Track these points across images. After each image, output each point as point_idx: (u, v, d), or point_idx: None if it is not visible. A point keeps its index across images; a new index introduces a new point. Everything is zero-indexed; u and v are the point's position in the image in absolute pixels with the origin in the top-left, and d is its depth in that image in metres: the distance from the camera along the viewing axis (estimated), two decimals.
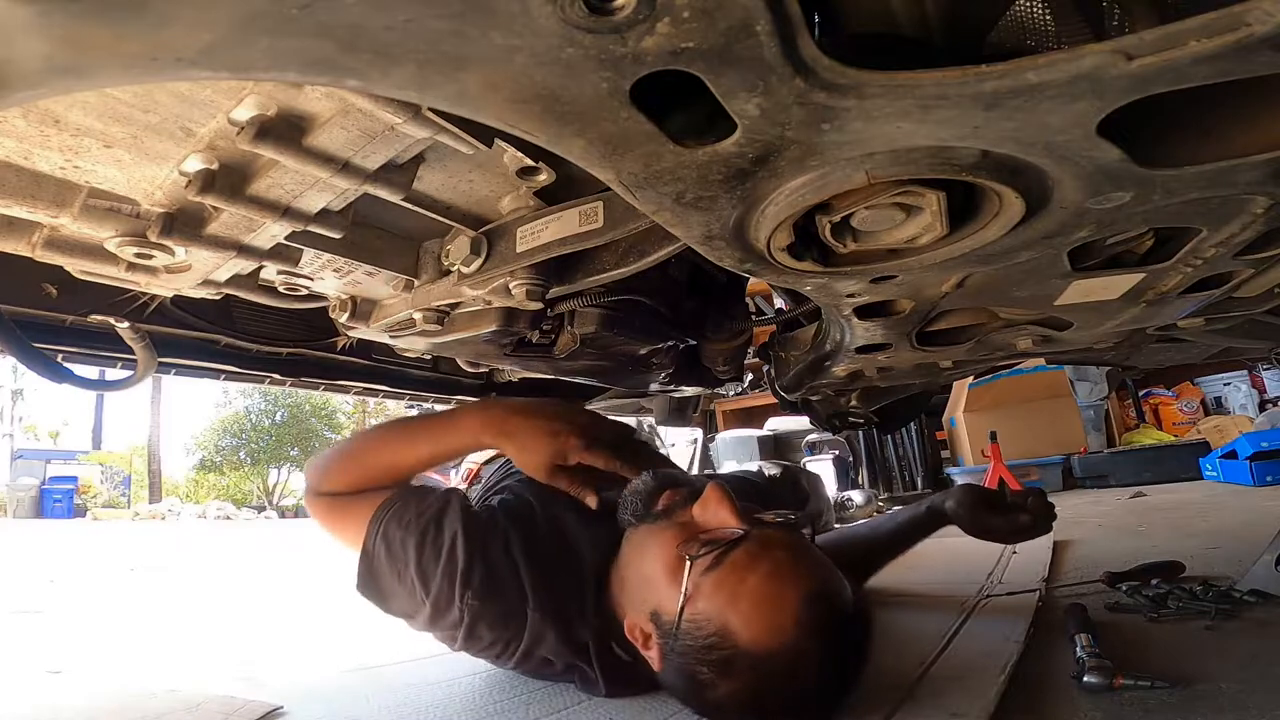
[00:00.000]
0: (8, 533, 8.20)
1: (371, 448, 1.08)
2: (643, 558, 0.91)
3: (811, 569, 0.81)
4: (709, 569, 0.79)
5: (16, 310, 1.03)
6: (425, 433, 1.06)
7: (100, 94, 0.51)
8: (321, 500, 1.05)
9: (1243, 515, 2.34)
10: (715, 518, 0.85)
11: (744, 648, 0.75)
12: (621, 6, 0.28)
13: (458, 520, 0.96)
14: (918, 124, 0.37)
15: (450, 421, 1.06)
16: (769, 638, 0.75)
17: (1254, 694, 0.78)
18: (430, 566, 0.92)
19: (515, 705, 0.96)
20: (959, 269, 0.64)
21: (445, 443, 1.04)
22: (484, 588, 0.92)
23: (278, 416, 22.95)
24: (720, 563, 0.79)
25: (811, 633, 0.75)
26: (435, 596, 0.92)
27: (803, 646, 0.74)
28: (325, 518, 1.05)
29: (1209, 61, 0.30)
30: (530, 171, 0.70)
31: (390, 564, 0.94)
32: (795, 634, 0.74)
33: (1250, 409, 4.94)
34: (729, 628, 0.76)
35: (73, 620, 2.25)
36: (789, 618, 0.75)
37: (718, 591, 0.78)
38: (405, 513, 0.97)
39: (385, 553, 0.94)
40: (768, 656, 0.75)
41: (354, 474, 1.04)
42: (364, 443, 1.14)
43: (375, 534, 0.96)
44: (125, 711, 1.09)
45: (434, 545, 0.93)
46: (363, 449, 1.10)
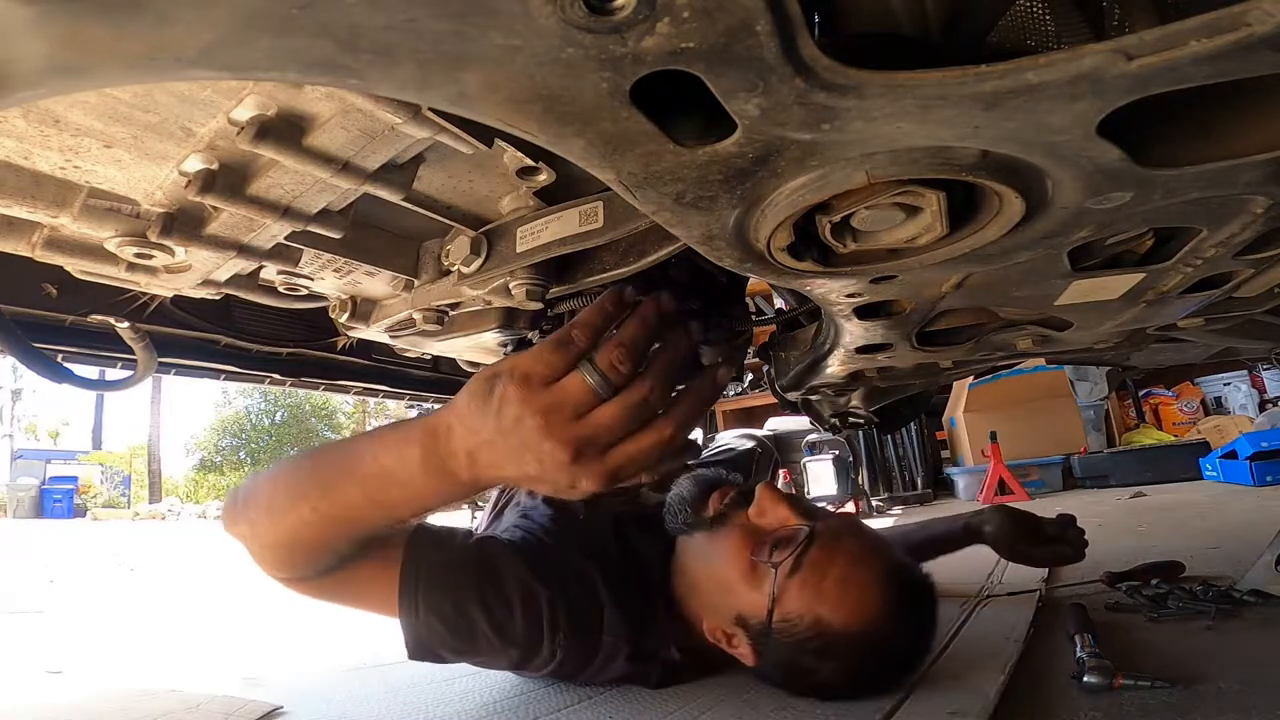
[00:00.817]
0: (8, 533, 8.20)
1: (315, 522, 0.70)
2: (711, 565, 0.94)
3: (880, 548, 0.89)
4: (791, 572, 0.84)
5: (16, 310, 1.03)
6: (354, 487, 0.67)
7: (100, 94, 0.51)
8: (295, 585, 0.82)
9: (1243, 515, 2.34)
10: (776, 518, 0.90)
11: (840, 632, 0.82)
12: (621, 6, 0.28)
13: (517, 563, 0.91)
14: (918, 124, 0.37)
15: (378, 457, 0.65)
16: (861, 618, 0.82)
17: (1254, 694, 0.78)
18: (508, 622, 0.88)
19: (515, 704, 0.96)
20: (959, 269, 0.63)
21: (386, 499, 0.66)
22: (572, 625, 0.91)
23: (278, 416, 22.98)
24: (800, 564, 0.84)
25: (897, 603, 0.84)
26: (523, 647, 0.89)
27: (891, 617, 0.83)
28: (318, 598, 0.85)
29: (1209, 61, 0.30)
30: (530, 171, 0.70)
31: (452, 632, 0.87)
32: (883, 608, 0.83)
33: (1250, 409, 4.94)
34: (822, 619, 0.83)
35: (73, 620, 2.25)
36: (875, 596, 0.83)
37: (804, 590, 0.84)
38: (441, 574, 0.87)
39: (441, 623, 0.86)
40: (863, 635, 0.82)
41: (298, 558, 0.76)
42: (301, 516, 0.70)
43: (416, 609, 0.85)
44: (125, 711, 1.09)
45: (501, 599, 0.88)
46: (302, 525, 0.70)
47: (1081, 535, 1.29)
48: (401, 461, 0.61)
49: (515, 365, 0.55)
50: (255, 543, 0.75)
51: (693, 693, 0.94)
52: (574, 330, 0.55)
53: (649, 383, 0.55)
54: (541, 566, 0.92)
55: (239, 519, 0.75)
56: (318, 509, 0.68)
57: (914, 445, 4.91)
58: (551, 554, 0.95)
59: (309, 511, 0.68)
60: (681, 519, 0.97)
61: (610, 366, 0.54)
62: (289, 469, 0.74)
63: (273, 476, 0.75)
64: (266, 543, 0.74)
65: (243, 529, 0.75)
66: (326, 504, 0.67)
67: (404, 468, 0.61)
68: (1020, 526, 1.29)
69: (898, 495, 4.78)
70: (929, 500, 4.72)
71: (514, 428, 0.54)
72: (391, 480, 0.63)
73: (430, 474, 0.60)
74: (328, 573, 0.80)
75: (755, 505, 0.93)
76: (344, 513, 0.67)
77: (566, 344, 0.55)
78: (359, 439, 0.68)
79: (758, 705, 0.88)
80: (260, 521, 0.73)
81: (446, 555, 0.90)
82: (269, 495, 0.73)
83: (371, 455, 0.64)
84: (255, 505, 0.74)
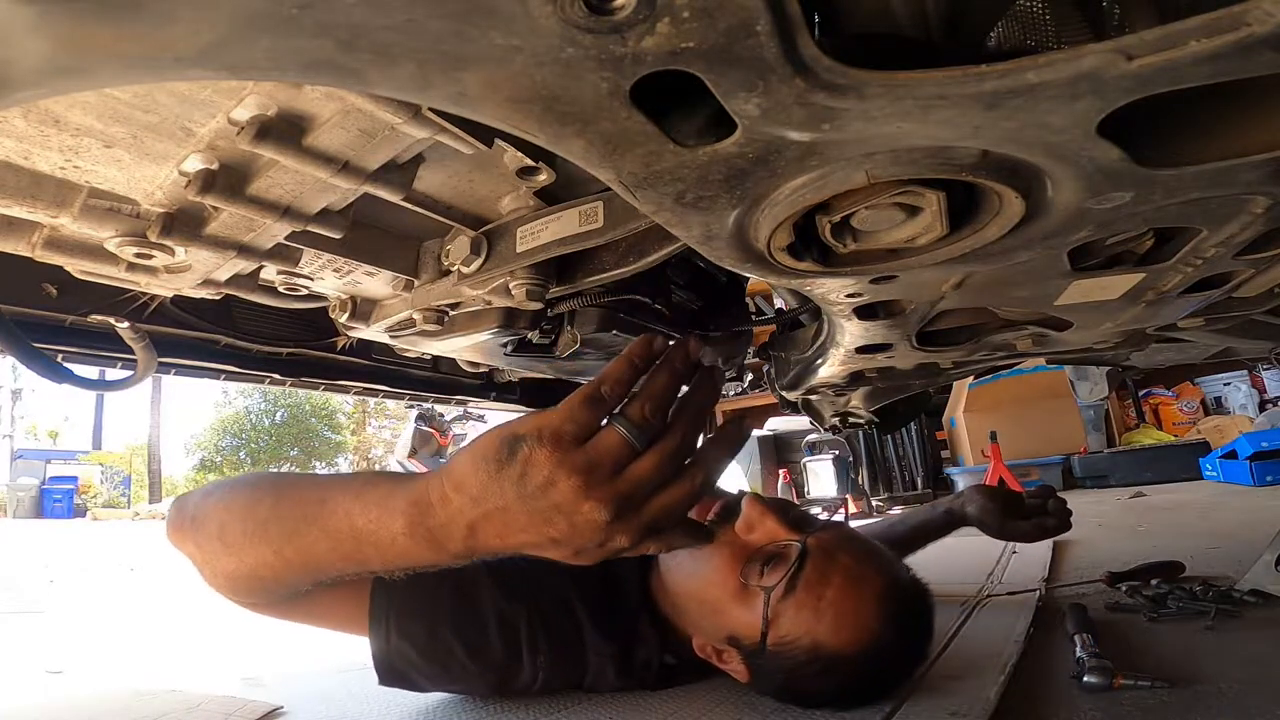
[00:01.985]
0: (8, 533, 8.20)
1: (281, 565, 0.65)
2: (699, 585, 0.90)
3: (874, 559, 0.85)
4: (785, 595, 0.81)
5: (16, 310, 1.03)
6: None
7: (100, 94, 0.51)
8: (261, 610, 0.78)
9: (1243, 515, 2.34)
10: (765, 533, 0.85)
11: (838, 653, 0.79)
12: (621, 6, 0.28)
13: (490, 585, 0.90)
14: (918, 124, 0.37)
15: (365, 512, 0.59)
16: (859, 639, 0.79)
17: (1254, 694, 0.78)
18: (483, 645, 0.87)
19: (515, 704, 0.96)
20: (959, 269, 0.63)
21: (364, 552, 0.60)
22: (552, 645, 0.89)
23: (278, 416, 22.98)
24: (794, 586, 0.80)
25: (894, 620, 0.81)
26: (501, 670, 0.88)
27: (890, 635, 0.80)
28: (276, 617, 0.81)
29: (1209, 61, 0.30)
30: (530, 171, 0.70)
31: (424, 657, 0.86)
32: (881, 627, 0.80)
33: (1250, 409, 4.94)
34: (819, 641, 0.80)
35: (73, 620, 2.25)
36: (872, 614, 0.80)
37: (800, 612, 0.80)
38: (414, 597, 0.86)
39: (413, 648, 0.85)
40: (862, 654, 0.79)
41: (255, 589, 0.71)
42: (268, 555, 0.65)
43: (387, 635, 0.85)
44: (125, 711, 1.09)
45: (476, 622, 0.87)
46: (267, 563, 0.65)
47: (1064, 505, 1.27)
48: (380, 527, 0.57)
49: (543, 425, 0.51)
50: (206, 569, 0.70)
51: (693, 693, 0.94)
52: (603, 386, 0.52)
53: (680, 430, 0.53)
54: (516, 587, 0.91)
55: (186, 537, 0.70)
56: (280, 553, 0.63)
57: (914, 445, 4.91)
58: (527, 574, 0.93)
59: (270, 554, 0.64)
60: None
61: (643, 419, 0.51)
62: (245, 501, 0.68)
63: (227, 504, 0.69)
64: (218, 571, 0.69)
65: (190, 549, 0.70)
66: (290, 550, 0.62)
67: (383, 533, 0.57)
68: (1004, 503, 1.28)
69: (898, 495, 4.78)
70: (929, 500, 4.72)
71: (544, 492, 0.50)
72: (366, 542, 0.58)
73: (416, 544, 0.56)
74: (290, 600, 0.76)
75: (742, 520, 0.87)
76: (309, 561, 0.63)
77: (597, 400, 0.52)
78: (329, 486, 0.62)
79: (757, 705, 0.88)
80: (213, 549, 0.68)
81: (418, 577, 0.84)
82: (221, 525, 0.67)
83: (345, 513, 0.59)
84: (206, 531, 0.68)
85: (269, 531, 0.63)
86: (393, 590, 0.86)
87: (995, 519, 1.25)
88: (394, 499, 0.56)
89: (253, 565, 0.66)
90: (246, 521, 0.65)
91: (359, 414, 23.52)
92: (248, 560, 0.66)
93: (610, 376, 0.53)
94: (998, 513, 1.26)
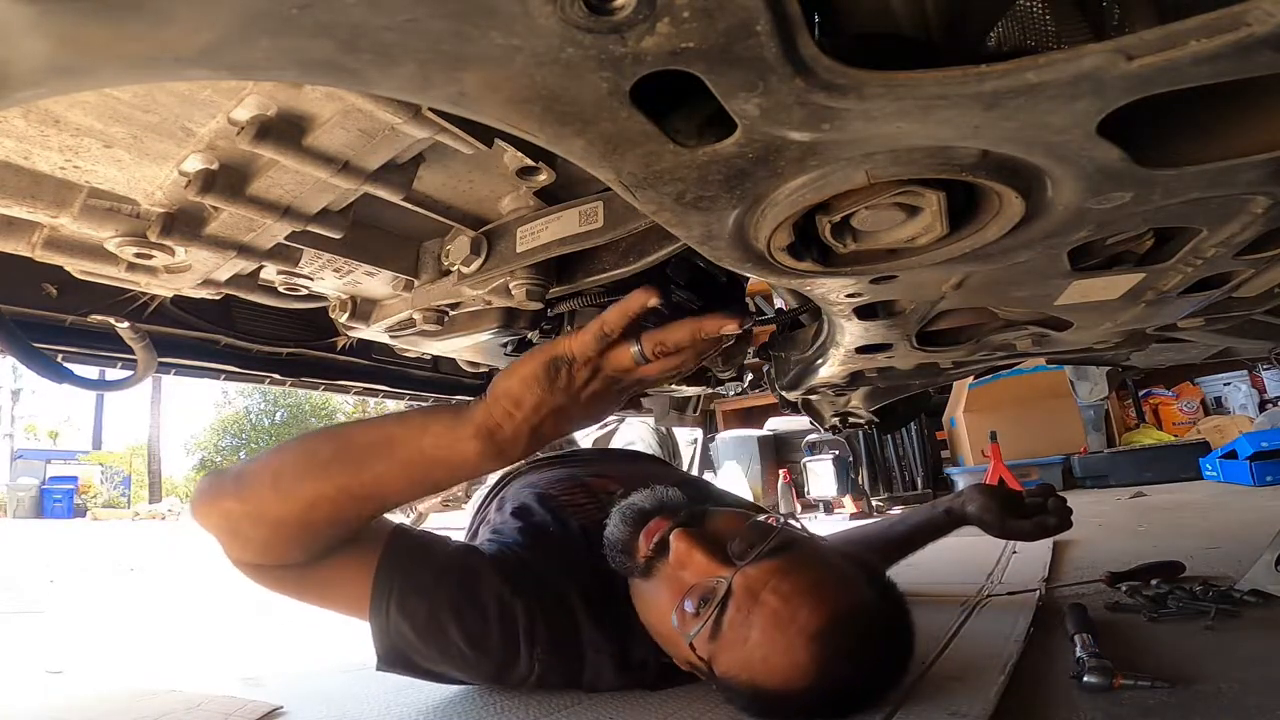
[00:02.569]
0: (8, 533, 8.20)
1: (310, 495, 0.73)
2: (648, 615, 0.90)
3: (809, 596, 0.77)
4: (711, 638, 0.78)
5: (16, 310, 1.03)
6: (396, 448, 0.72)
7: (100, 94, 0.51)
8: (266, 574, 0.82)
9: (1243, 515, 2.34)
10: (693, 571, 0.82)
11: (780, 692, 0.76)
12: (621, 6, 0.28)
13: (492, 574, 0.90)
14: (918, 124, 0.37)
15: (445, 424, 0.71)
16: (798, 678, 0.75)
17: (1254, 694, 0.78)
18: (482, 632, 0.87)
19: (515, 704, 0.96)
20: (959, 269, 0.64)
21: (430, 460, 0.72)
22: (550, 639, 0.89)
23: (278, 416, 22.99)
24: (719, 628, 0.78)
25: (837, 653, 0.75)
26: (499, 658, 0.88)
27: (835, 669, 0.75)
28: (284, 592, 0.85)
29: (1209, 61, 0.30)
30: (530, 171, 0.70)
31: (423, 640, 0.86)
32: (821, 664, 0.74)
33: (1250, 409, 4.94)
34: (757, 682, 0.77)
35: (73, 620, 2.25)
36: (805, 655, 0.74)
37: (730, 654, 0.78)
38: (417, 577, 0.86)
39: (414, 631, 0.85)
40: (807, 690, 0.75)
41: (297, 537, 0.77)
42: (294, 488, 0.74)
43: (387, 614, 0.85)
44: (125, 711, 1.09)
45: (476, 608, 0.87)
46: (295, 497, 0.74)
47: (1064, 503, 1.26)
48: (453, 453, 0.70)
49: (574, 347, 0.66)
50: (249, 520, 0.76)
51: (693, 693, 0.94)
52: (605, 325, 0.66)
53: (681, 358, 0.68)
54: (518, 579, 0.91)
55: (226, 496, 0.76)
56: (345, 486, 0.73)
57: (914, 445, 4.90)
58: (527, 566, 0.94)
59: (332, 488, 0.73)
60: (618, 563, 0.91)
61: (651, 350, 0.66)
62: (300, 449, 0.78)
63: (278, 456, 0.78)
64: (263, 519, 0.75)
65: (230, 506, 0.76)
66: (357, 482, 0.73)
67: (455, 457, 0.70)
68: (1004, 502, 1.27)
69: (898, 495, 4.78)
70: (929, 500, 4.72)
71: (585, 388, 0.68)
72: (438, 466, 0.71)
73: (486, 458, 0.70)
74: (305, 565, 0.81)
75: (672, 557, 0.84)
76: (374, 490, 0.74)
77: (602, 336, 0.66)
78: (391, 426, 0.74)
79: None
80: (263, 498, 0.75)
81: (422, 562, 0.89)
82: (275, 472, 0.75)
83: (415, 446, 0.71)
84: (256, 483, 0.76)
85: (331, 470, 0.73)
86: (396, 573, 0.86)
87: (996, 518, 1.25)
88: (460, 427, 0.69)
89: (309, 503, 0.74)
90: (310, 464, 0.75)
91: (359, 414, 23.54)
92: (304, 498, 0.74)
93: (609, 318, 0.66)
94: (998, 511, 1.25)
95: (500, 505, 1.19)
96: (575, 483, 1.20)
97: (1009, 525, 1.25)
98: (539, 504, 1.11)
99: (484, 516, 1.26)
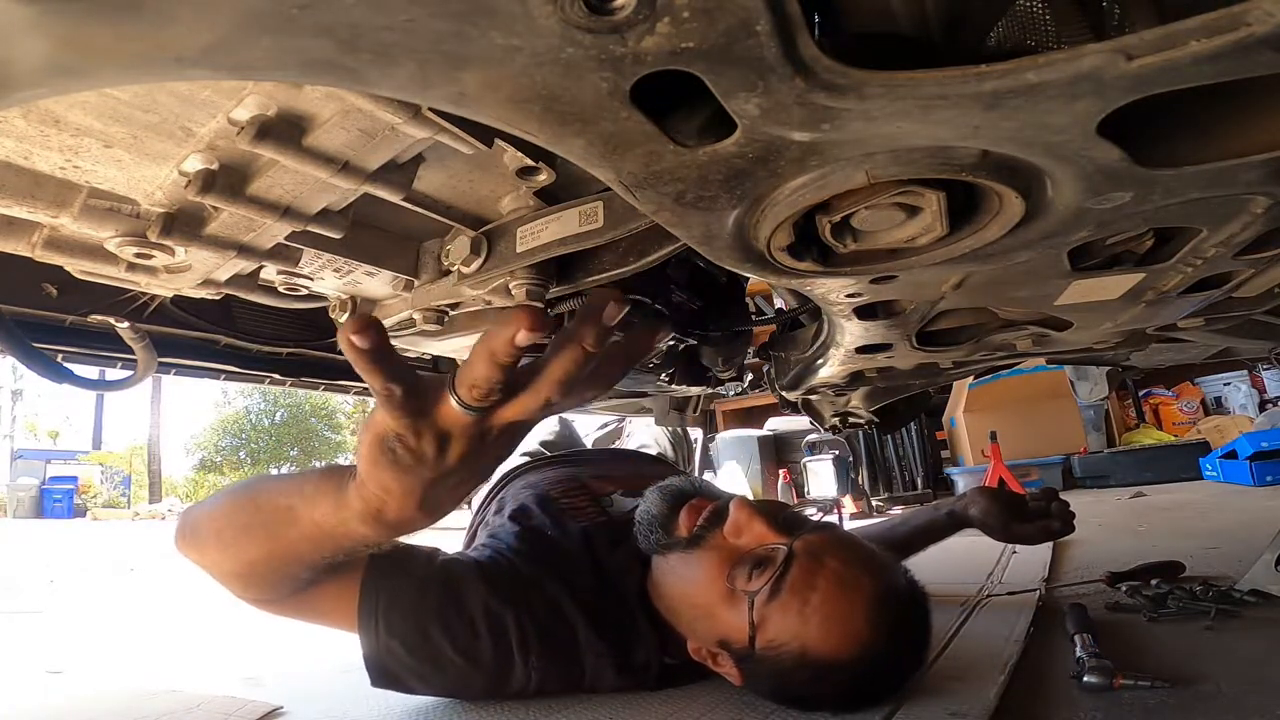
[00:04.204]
0: (8, 533, 8.20)
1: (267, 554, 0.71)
2: (689, 588, 0.89)
3: (866, 566, 0.82)
4: (770, 598, 0.79)
5: (16, 310, 1.03)
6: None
7: (100, 94, 0.51)
8: (256, 603, 0.84)
9: (1243, 515, 2.34)
10: (753, 536, 0.84)
11: (827, 659, 0.77)
12: (621, 6, 0.28)
13: (479, 583, 0.89)
14: (918, 124, 0.37)
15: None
16: (849, 644, 0.77)
17: (1254, 694, 0.78)
18: (472, 643, 0.87)
19: (515, 704, 0.96)
20: (959, 269, 0.64)
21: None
22: (544, 645, 0.89)
23: (278, 416, 22.99)
24: (779, 590, 0.79)
25: (886, 624, 0.78)
26: (493, 669, 0.88)
27: (881, 640, 0.78)
28: (279, 615, 0.87)
29: (1209, 61, 0.30)
30: (530, 171, 0.70)
31: (414, 655, 0.86)
32: (874, 635, 0.77)
33: (1250, 409, 4.94)
34: (806, 646, 0.78)
35: (73, 620, 2.25)
36: (863, 623, 0.77)
37: (785, 617, 0.78)
38: (402, 595, 0.86)
39: (402, 646, 0.85)
40: (851, 660, 0.77)
41: (261, 583, 0.77)
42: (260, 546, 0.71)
43: (376, 632, 0.85)
44: (125, 711, 1.09)
45: (464, 619, 0.87)
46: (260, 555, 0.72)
47: (1067, 507, 1.27)
48: (349, 531, 0.60)
49: (385, 423, 0.51)
50: (213, 570, 0.78)
51: (693, 693, 0.94)
52: (384, 389, 0.49)
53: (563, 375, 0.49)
54: (505, 586, 0.91)
55: (189, 546, 0.78)
56: (272, 550, 0.70)
57: (914, 445, 4.90)
58: (518, 573, 0.93)
59: (262, 551, 0.71)
60: (654, 539, 0.91)
61: (470, 396, 0.49)
62: (228, 508, 0.75)
63: (215, 510, 0.76)
64: (223, 571, 0.77)
65: (194, 555, 0.78)
66: (279, 546, 0.69)
67: (355, 535, 0.61)
68: (1007, 505, 1.27)
69: (898, 495, 4.78)
70: (929, 501, 4.72)
71: (449, 454, 0.52)
72: (340, 538, 0.62)
73: (387, 536, 0.60)
74: (290, 596, 0.81)
75: (730, 523, 0.86)
76: (296, 557, 0.70)
77: (387, 400, 0.49)
78: (290, 492, 0.66)
79: (757, 706, 0.88)
80: (212, 552, 0.76)
81: (406, 575, 0.88)
82: (215, 528, 0.75)
83: (309, 520, 0.63)
84: (204, 536, 0.76)
85: (254, 534, 0.71)
86: (381, 589, 0.86)
87: (998, 521, 1.25)
88: (345, 509, 0.58)
89: (250, 562, 0.73)
90: (234, 527, 0.73)
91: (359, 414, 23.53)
92: (245, 559, 0.73)
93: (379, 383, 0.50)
94: (1000, 515, 1.26)
95: (500, 507, 1.19)
96: (575, 484, 1.20)
97: (1011, 529, 1.25)
98: (538, 506, 1.11)
99: (483, 518, 1.26)
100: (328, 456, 23.04)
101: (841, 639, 0.77)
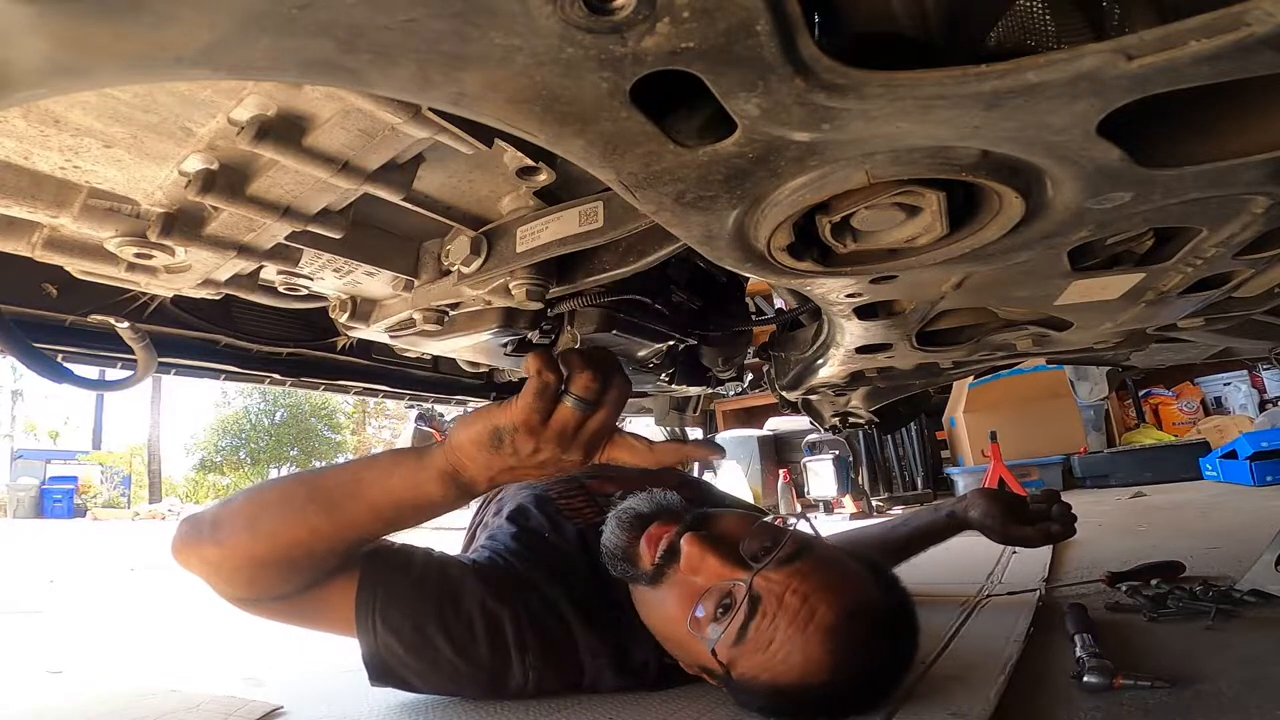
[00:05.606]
0: (8, 533, 8.20)
1: (288, 534, 0.78)
2: (657, 622, 0.89)
3: (827, 592, 0.78)
4: (735, 643, 0.78)
5: (16, 310, 1.03)
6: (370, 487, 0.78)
7: (100, 94, 0.51)
8: (255, 606, 0.86)
9: (1243, 515, 2.34)
10: (707, 575, 0.82)
11: (800, 687, 0.77)
12: (621, 6, 0.28)
13: (475, 583, 0.90)
14: (918, 124, 0.37)
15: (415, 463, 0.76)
16: (818, 673, 0.76)
17: (1254, 694, 0.78)
18: (469, 643, 0.87)
19: (515, 704, 0.96)
20: (959, 269, 0.64)
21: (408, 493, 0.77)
22: (541, 645, 0.89)
23: (278, 416, 22.99)
24: (743, 635, 0.78)
25: (854, 647, 0.77)
26: (490, 669, 0.88)
27: (855, 660, 0.77)
28: (276, 619, 0.89)
29: (1209, 61, 0.30)
30: (530, 171, 0.70)
31: (411, 653, 0.86)
32: (841, 657, 0.76)
33: (1250, 409, 4.95)
34: (778, 682, 0.78)
35: (73, 620, 2.25)
36: (824, 652, 0.76)
37: (752, 658, 0.78)
38: (399, 592, 0.87)
39: (400, 644, 0.86)
40: (825, 685, 0.77)
41: (280, 574, 0.81)
42: (276, 526, 0.79)
43: (374, 630, 0.86)
44: (125, 711, 1.09)
45: (461, 619, 0.87)
46: (276, 539, 0.79)
47: (1068, 510, 1.26)
48: (419, 494, 0.76)
49: (515, 419, 0.70)
50: (230, 563, 0.80)
51: (693, 693, 0.94)
52: (544, 378, 0.69)
53: (615, 393, 0.72)
54: (502, 586, 0.91)
55: (204, 542, 0.81)
56: (319, 527, 0.78)
57: (914, 445, 4.90)
58: (514, 574, 0.93)
59: (307, 530, 0.78)
60: (619, 569, 0.90)
61: (585, 389, 0.69)
62: (274, 494, 0.82)
63: (252, 501, 0.82)
64: (243, 562, 0.80)
65: (209, 552, 0.81)
66: (331, 522, 0.78)
67: (421, 498, 0.76)
68: (1007, 507, 1.26)
69: (898, 495, 4.78)
70: (929, 500, 4.72)
71: (532, 457, 0.71)
72: (405, 506, 0.77)
73: (452, 499, 0.76)
74: (289, 597, 0.84)
75: (684, 562, 0.83)
76: (348, 530, 0.79)
77: (544, 390, 0.69)
78: (359, 469, 0.80)
79: None
80: (241, 542, 0.79)
81: (403, 575, 0.89)
82: (251, 517, 0.80)
83: (383, 488, 0.76)
84: (233, 528, 0.80)
85: (307, 513, 0.78)
86: (377, 588, 0.87)
87: (999, 523, 1.25)
88: (424, 471, 0.74)
89: (288, 545, 0.78)
90: (285, 508, 0.79)
91: (359, 414, 23.53)
92: (282, 540, 0.78)
93: (545, 378, 0.70)
94: (1001, 517, 1.25)
95: (498, 508, 1.19)
96: (574, 485, 1.20)
97: (1012, 531, 1.25)
98: (536, 507, 1.11)
99: (481, 519, 1.26)
100: (328, 456, 23.04)
101: (805, 669, 0.76)
